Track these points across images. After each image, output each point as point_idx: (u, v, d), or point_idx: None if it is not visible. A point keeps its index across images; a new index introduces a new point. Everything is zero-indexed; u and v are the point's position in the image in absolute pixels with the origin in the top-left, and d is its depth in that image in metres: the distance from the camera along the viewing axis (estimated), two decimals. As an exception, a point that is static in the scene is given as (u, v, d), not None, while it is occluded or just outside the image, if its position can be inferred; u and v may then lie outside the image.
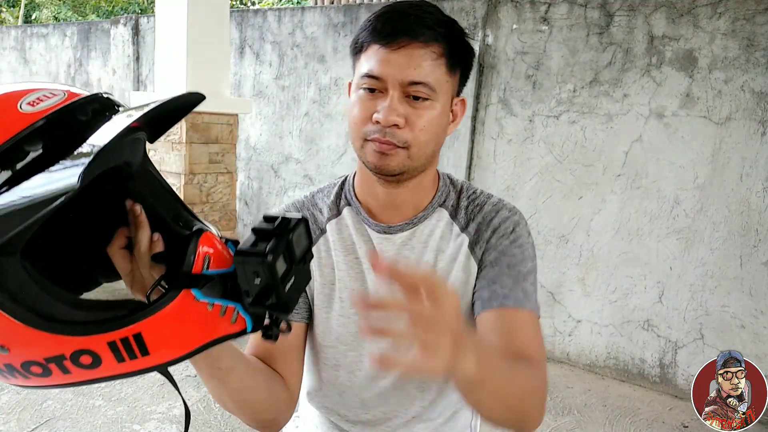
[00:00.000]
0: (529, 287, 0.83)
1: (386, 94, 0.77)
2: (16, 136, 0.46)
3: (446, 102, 0.81)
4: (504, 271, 0.83)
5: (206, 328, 0.55)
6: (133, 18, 5.03)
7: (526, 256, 0.85)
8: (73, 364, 0.51)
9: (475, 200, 0.90)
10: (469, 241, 0.87)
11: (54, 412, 2.40)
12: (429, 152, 0.82)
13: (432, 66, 0.77)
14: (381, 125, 0.77)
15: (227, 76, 3.04)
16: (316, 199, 0.95)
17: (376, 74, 0.77)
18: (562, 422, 2.62)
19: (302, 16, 4.09)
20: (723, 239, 2.77)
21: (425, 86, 0.77)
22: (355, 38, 0.82)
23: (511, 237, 0.85)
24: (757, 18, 2.62)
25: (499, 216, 0.87)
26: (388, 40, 0.77)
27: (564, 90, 3.11)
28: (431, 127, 0.79)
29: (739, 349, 2.42)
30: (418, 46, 0.76)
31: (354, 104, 0.82)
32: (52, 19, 11.05)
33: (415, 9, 0.79)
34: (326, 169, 4.07)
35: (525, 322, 0.80)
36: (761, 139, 2.66)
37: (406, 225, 0.88)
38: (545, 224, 3.22)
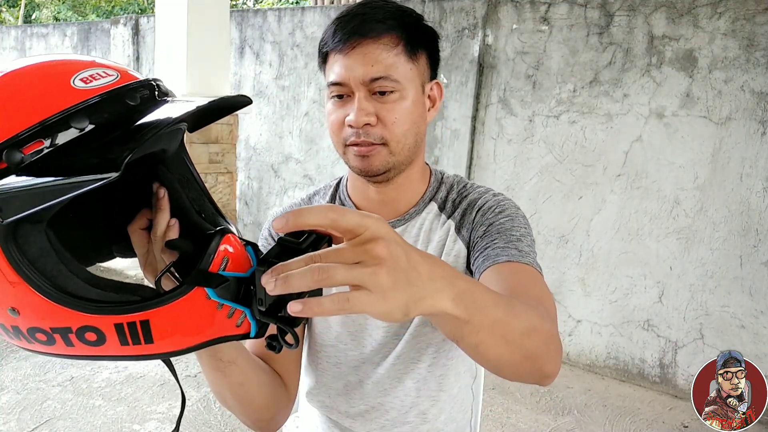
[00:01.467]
0: (524, 247, 0.79)
1: (353, 97, 0.78)
2: (65, 111, 0.47)
3: (416, 90, 0.81)
4: (494, 237, 0.82)
5: (212, 326, 0.56)
6: (133, 18, 5.03)
7: (516, 224, 0.83)
8: (78, 338, 0.52)
9: (463, 192, 0.91)
10: (455, 225, 0.87)
11: (54, 412, 2.40)
12: (410, 143, 0.82)
13: (389, 58, 0.77)
14: (354, 128, 0.78)
15: (227, 76, 3.04)
16: (313, 201, 0.97)
17: (339, 80, 0.79)
18: (562, 422, 2.62)
19: (302, 16, 4.09)
20: (723, 239, 2.77)
21: (386, 79, 0.77)
22: (319, 51, 0.83)
23: (496, 210, 0.85)
24: (757, 18, 2.62)
25: (483, 198, 0.88)
26: (342, 45, 0.78)
27: (564, 90, 3.11)
28: (404, 117, 0.79)
29: (739, 349, 2.42)
30: (370, 42, 0.77)
31: (329, 114, 0.83)
32: (52, 19, 11.04)
33: (364, 8, 0.79)
34: (326, 169, 4.07)
35: (524, 272, 0.75)
36: (761, 139, 2.66)
37: (398, 221, 0.89)
38: (545, 224, 3.22)
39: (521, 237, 0.81)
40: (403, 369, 0.91)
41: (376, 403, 0.93)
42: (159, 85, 0.56)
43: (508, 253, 0.77)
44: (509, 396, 2.80)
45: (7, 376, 2.68)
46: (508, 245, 0.79)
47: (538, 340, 0.59)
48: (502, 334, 0.55)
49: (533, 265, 0.77)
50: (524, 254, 0.78)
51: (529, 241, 0.81)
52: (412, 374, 0.91)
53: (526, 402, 2.77)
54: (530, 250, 0.80)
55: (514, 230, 0.82)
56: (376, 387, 0.92)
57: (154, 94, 0.55)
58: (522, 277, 0.74)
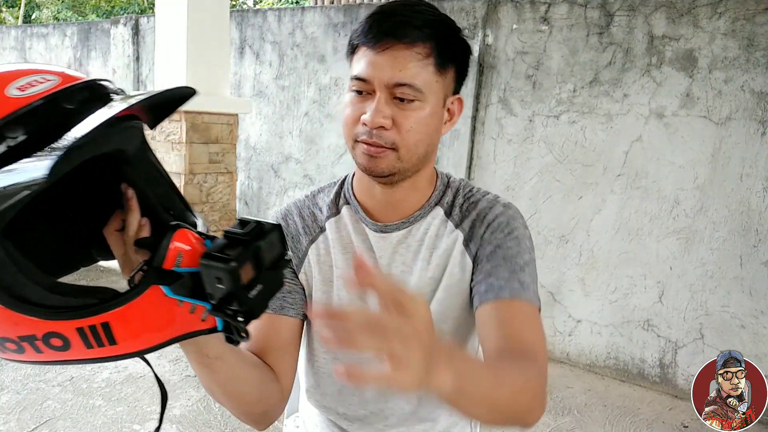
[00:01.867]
0: (526, 278, 0.82)
1: (374, 96, 0.78)
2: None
3: (437, 102, 0.80)
4: (499, 263, 0.83)
5: (175, 323, 0.55)
6: (133, 18, 5.03)
7: (522, 248, 0.84)
8: (45, 344, 0.52)
9: (470, 198, 0.90)
10: (464, 238, 0.87)
11: (54, 412, 2.40)
12: (420, 153, 0.81)
13: (418, 67, 0.76)
14: (368, 127, 0.77)
15: (227, 76, 3.04)
16: (317, 199, 0.96)
17: (363, 76, 0.78)
18: (562, 422, 2.62)
19: (302, 16, 4.09)
20: (723, 239, 2.77)
21: (410, 88, 0.76)
22: (349, 40, 0.82)
23: (506, 230, 0.85)
24: (757, 18, 2.62)
25: (493, 211, 0.87)
26: (374, 42, 0.77)
27: (564, 90, 3.11)
28: (420, 127, 0.78)
29: (739, 349, 2.42)
30: (402, 47, 0.76)
31: (345, 106, 0.82)
32: (52, 19, 11.04)
33: (404, 9, 0.78)
34: (326, 169, 4.07)
35: (521, 312, 0.79)
36: (761, 139, 2.66)
37: (403, 224, 0.89)
38: (545, 224, 3.22)
39: (525, 265, 0.83)
40: None
41: (375, 408, 0.93)
42: (102, 84, 0.55)
43: (510, 287, 0.80)
44: (509, 396, 2.80)
45: (7, 376, 2.68)
46: (512, 276, 0.81)
47: (522, 400, 0.66)
48: (488, 405, 0.62)
49: (532, 300, 0.80)
50: (525, 287, 0.81)
51: (532, 268, 0.84)
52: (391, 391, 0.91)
53: (526, 402, 2.77)
54: (531, 280, 0.83)
55: (519, 256, 0.83)
56: (375, 394, 0.92)
57: (96, 95, 0.53)
58: (519, 319, 0.78)
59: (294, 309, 0.89)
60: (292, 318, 0.89)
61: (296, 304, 0.90)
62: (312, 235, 0.93)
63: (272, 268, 0.55)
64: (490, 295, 0.80)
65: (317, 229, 0.93)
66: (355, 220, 0.91)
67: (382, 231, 0.89)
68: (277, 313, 0.87)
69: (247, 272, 0.51)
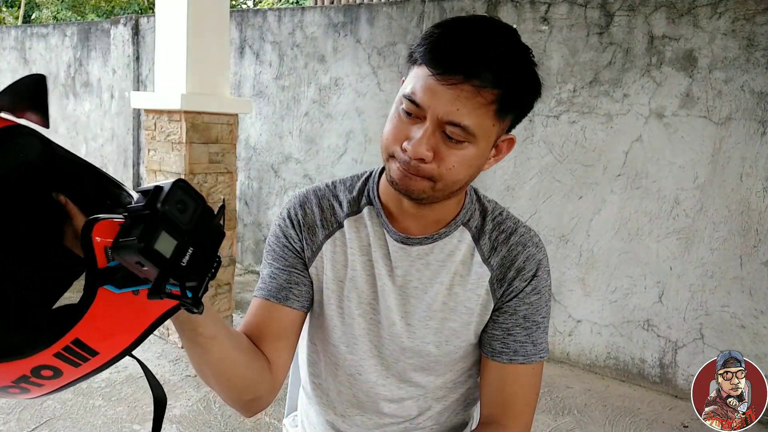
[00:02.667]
0: (540, 336, 0.85)
1: (423, 123, 0.72)
2: None
3: (487, 145, 0.76)
4: (519, 322, 0.84)
5: (141, 312, 0.54)
6: (133, 18, 5.03)
7: (541, 304, 0.85)
8: (39, 378, 0.51)
9: (500, 225, 0.87)
10: (491, 277, 0.85)
11: (54, 412, 2.40)
12: (457, 187, 0.78)
13: (477, 111, 0.70)
14: (407, 155, 0.73)
15: (227, 76, 3.04)
16: (338, 191, 0.92)
17: (418, 101, 0.71)
18: (562, 422, 2.62)
19: (302, 16, 4.09)
20: (723, 239, 2.77)
21: (463, 130, 0.71)
22: (416, 45, 0.74)
23: (532, 283, 0.85)
24: (757, 18, 2.62)
25: (524, 254, 0.85)
26: (440, 71, 0.69)
27: (564, 90, 3.11)
28: (462, 168, 0.74)
29: (739, 349, 2.42)
30: (469, 88, 0.69)
31: (390, 118, 0.76)
32: (52, 19, 11.04)
33: (482, 38, 0.70)
34: (326, 169, 4.07)
35: (524, 376, 0.84)
36: (761, 139, 2.66)
37: (426, 239, 0.86)
38: (545, 224, 3.22)
39: (541, 323, 0.86)
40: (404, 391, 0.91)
41: (370, 409, 0.92)
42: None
43: (524, 351, 0.84)
44: (509, 396, 2.80)
45: (7, 376, 2.68)
46: (528, 338, 0.84)
47: None
48: None
49: (541, 358, 0.85)
50: (538, 347, 0.85)
51: (546, 325, 0.87)
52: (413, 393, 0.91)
53: (526, 402, 2.77)
54: (543, 338, 0.86)
55: (538, 313, 0.85)
56: (371, 394, 0.91)
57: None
58: (519, 383, 0.84)
59: (299, 301, 0.87)
60: (294, 309, 0.87)
61: (301, 297, 0.88)
62: (329, 229, 0.89)
63: (198, 224, 0.51)
64: (504, 358, 0.84)
65: (335, 223, 0.89)
66: (376, 223, 0.88)
67: (404, 243, 0.86)
68: (281, 303, 0.86)
69: (165, 243, 0.47)
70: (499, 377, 0.84)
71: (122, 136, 5.26)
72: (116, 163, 5.35)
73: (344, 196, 0.91)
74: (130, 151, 5.22)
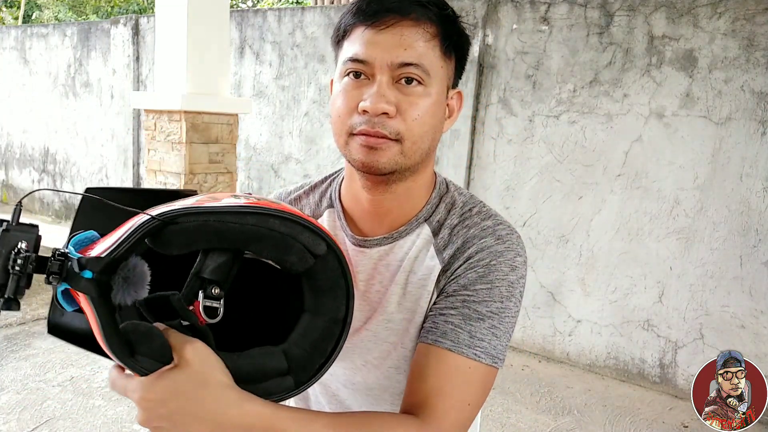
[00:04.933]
0: (482, 331, 0.69)
1: (373, 81, 0.68)
2: None
3: (441, 91, 0.72)
4: (456, 305, 0.71)
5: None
6: (133, 18, 5.03)
7: (492, 296, 0.71)
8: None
9: (465, 220, 0.77)
10: (441, 269, 0.75)
11: (54, 412, 2.40)
12: (424, 148, 0.72)
13: (425, 47, 0.68)
14: (369, 114, 0.67)
15: (227, 76, 3.04)
16: (303, 193, 0.89)
17: (362, 57, 0.68)
18: (562, 422, 2.62)
19: (302, 16, 4.09)
20: (723, 239, 2.77)
21: (418, 68, 0.67)
22: (337, 26, 0.72)
23: (481, 270, 0.72)
24: (757, 18, 2.62)
25: (479, 244, 0.73)
26: (375, 19, 0.67)
27: (564, 90, 3.11)
28: (426, 117, 0.69)
29: (739, 349, 2.42)
30: (409, 24, 0.67)
31: (337, 96, 0.71)
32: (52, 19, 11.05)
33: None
34: (326, 169, 4.07)
35: (453, 367, 0.68)
36: (761, 139, 2.66)
37: (385, 239, 0.79)
38: (545, 224, 3.22)
39: (489, 315, 0.70)
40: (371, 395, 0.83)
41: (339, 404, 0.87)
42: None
43: (454, 338, 0.69)
44: (509, 396, 2.80)
45: (7, 376, 2.68)
46: (463, 325, 0.70)
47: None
48: None
49: (478, 358, 0.68)
50: (475, 341, 0.69)
51: (500, 320, 0.71)
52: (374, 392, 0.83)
53: (526, 402, 2.77)
54: (492, 335, 0.70)
55: (483, 304, 0.70)
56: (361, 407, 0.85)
57: None
58: (445, 374, 0.68)
59: None
60: None
61: None
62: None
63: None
64: (430, 338, 0.70)
65: None
66: (334, 227, 0.83)
67: (362, 245, 0.80)
68: None
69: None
70: (423, 360, 0.70)
71: (122, 136, 5.26)
72: (116, 163, 5.35)
73: (307, 200, 0.87)
74: (130, 151, 5.22)
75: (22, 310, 3.44)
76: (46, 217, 6.11)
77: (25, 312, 3.42)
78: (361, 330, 0.79)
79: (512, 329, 0.73)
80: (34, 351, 2.95)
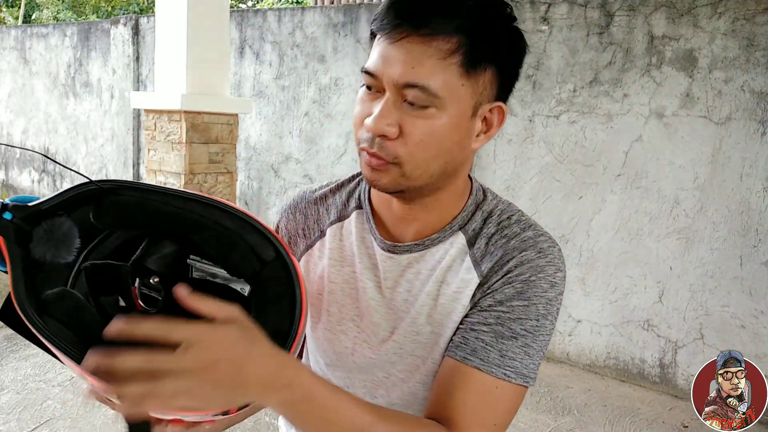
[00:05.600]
0: (514, 350, 0.66)
1: (383, 95, 0.63)
2: None
3: (461, 111, 0.64)
4: (490, 321, 0.67)
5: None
6: (133, 18, 5.03)
7: (528, 314, 0.67)
8: None
9: (504, 229, 0.72)
10: (478, 283, 0.70)
11: (54, 412, 2.40)
12: (433, 171, 0.66)
13: (437, 66, 0.60)
14: (370, 134, 0.64)
15: (227, 76, 3.04)
16: (329, 193, 0.84)
17: (372, 71, 0.63)
18: (562, 422, 2.62)
19: (302, 16, 4.09)
20: (723, 239, 2.77)
21: (423, 91, 0.61)
22: (371, 23, 0.67)
23: (519, 286, 0.68)
24: (757, 18, 2.62)
25: (520, 257, 0.69)
26: (390, 30, 0.62)
27: (564, 90, 3.11)
28: (432, 140, 0.63)
29: (739, 349, 2.42)
30: (418, 39, 0.60)
31: (356, 103, 0.68)
32: (52, 19, 11.05)
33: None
34: (326, 169, 4.07)
35: (481, 386, 0.64)
36: (761, 139, 2.66)
37: (416, 246, 0.74)
38: (545, 224, 3.22)
39: (520, 335, 0.67)
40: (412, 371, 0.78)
41: None
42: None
43: (484, 357, 0.65)
44: (509, 396, 2.80)
45: (7, 376, 2.68)
46: (495, 343, 0.66)
47: None
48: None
49: (506, 377, 0.65)
50: (506, 361, 0.65)
51: (534, 339, 0.67)
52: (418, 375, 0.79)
53: (526, 402, 2.77)
54: (525, 355, 0.66)
55: (518, 322, 0.67)
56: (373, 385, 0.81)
57: None
58: (472, 391, 0.64)
59: None
60: None
61: None
62: (310, 239, 0.81)
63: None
64: (459, 354, 0.67)
65: (317, 232, 0.81)
66: (363, 230, 0.78)
67: (391, 251, 0.75)
68: None
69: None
70: (449, 375, 0.66)
71: (122, 136, 5.26)
72: (116, 163, 5.35)
73: (333, 199, 0.82)
74: (130, 151, 5.22)
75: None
76: (46, 217, 6.11)
77: (25, 312, 3.41)
78: (388, 341, 0.74)
79: (546, 347, 0.69)
80: (34, 351, 2.95)
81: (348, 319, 0.77)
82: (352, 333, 0.77)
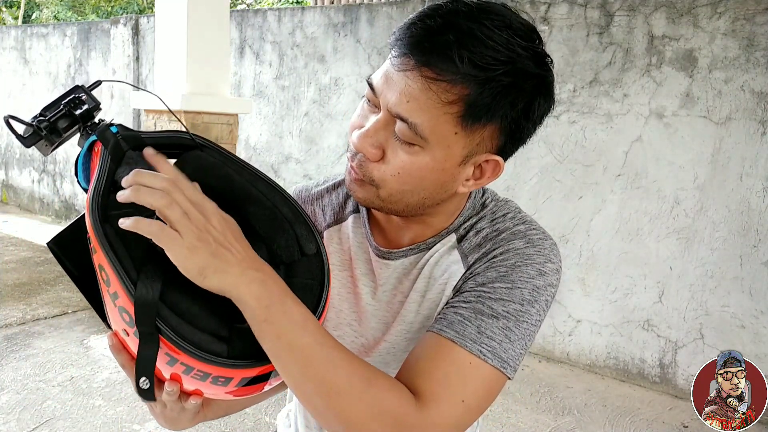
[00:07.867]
0: (494, 329, 0.60)
1: (377, 113, 0.61)
2: None
3: (448, 156, 0.60)
4: (469, 299, 0.63)
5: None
6: (133, 18, 5.03)
7: (512, 297, 0.62)
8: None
9: (496, 223, 0.70)
10: (462, 273, 0.68)
11: (54, 412, 2.40)
12: (409, 202, 0.63)
13: (432, 109, 0.57)
14: (354, 147, 0.63)
15: (227, 76, 3.04)
16: (325, 193, 0.82)
17: (374, 86, 0.61)
18: (562, 422, 2.62)
19: (302, 16, 4.09)
20: (723, 239, 2.77)
21: (410, 129, 0.57)
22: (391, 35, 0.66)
23: (503, 270, 0.64)
24: (757, 18, 2.62)
25: (507, 246, 0.66)
26: (399, 54, 0.58)
27: (564, 90, 3.11)
28: (411, 176, 0.60)
29: (739, 349, 2.42)
30: (420, 77, 0.56)
31: (357, 107, 0.67)
32: (52, 19, 11.04)
33: (467, 21, 0.57)
34: (326, 169, 4.07)
35: (451, 361, 0.59)
36: (761, 139, 2.66)
37: (411, 251, 0.72)
38: (545, 224, 3.20)
39: (501, 316, 0.61)
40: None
41: None
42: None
43: (461, 329, 0.60)
44: (509, 396, 2.80)
45: (7, 376, 2.68)
46: (473, 318, 0.61)
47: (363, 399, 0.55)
48: (303, 363, 0.54)
49: (480, 354, 0.59)
50: (483, 338, 0.60)
51: (516, 324, 0.62)
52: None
53: (526, 402, 2.77)
54: (495, 333, 0.61)
55: (500, 303, 0.62)
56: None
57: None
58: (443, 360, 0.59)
59: None
60: None
61: None
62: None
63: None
64: (435, 326, 0.62)
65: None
66: (360, 234, 0.76)
67: (386, 258, 0.73)
68: None
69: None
70: (424, 347, 0.62)
71: (122, 136, 5.26)
72: (116, 163, 5.35)
73: (329, 198, 0.81)
74: (130, 151, 5.22)
75: (22, 310, 3.44)
76: (46, 217, 6.11)
77: (24, 312, 3.42)
78: (380, 342, 0.74)
79: (531, 339, 0.64)
80: (34, 351, 2.95)
81: (345, 324, 0.76)
82: (349, 338, 0.76)
